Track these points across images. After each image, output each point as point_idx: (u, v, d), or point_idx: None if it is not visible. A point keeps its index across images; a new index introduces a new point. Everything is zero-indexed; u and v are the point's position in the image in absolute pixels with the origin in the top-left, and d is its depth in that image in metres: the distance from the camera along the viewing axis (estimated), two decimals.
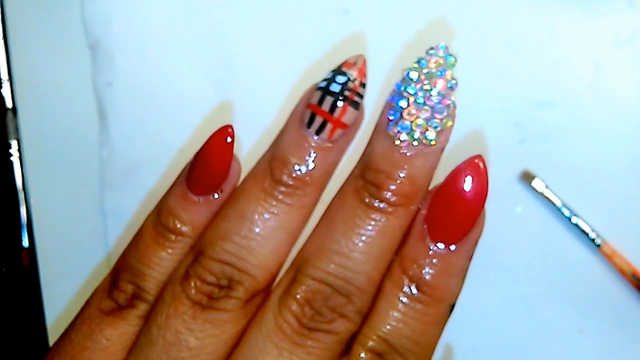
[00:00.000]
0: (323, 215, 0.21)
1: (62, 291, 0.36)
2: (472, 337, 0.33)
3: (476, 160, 0.20)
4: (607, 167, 0.33)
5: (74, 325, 0.22)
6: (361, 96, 0.20)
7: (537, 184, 0.32)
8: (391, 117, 0.20)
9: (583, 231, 0.32)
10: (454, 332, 0.32)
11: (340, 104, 0.20)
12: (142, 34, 0.35)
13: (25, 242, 0.36)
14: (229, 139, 0.21)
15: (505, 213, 0.32)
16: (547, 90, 0.32)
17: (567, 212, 0.32)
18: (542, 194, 0.32)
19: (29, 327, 0.36)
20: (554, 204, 0.32)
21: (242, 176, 0.22)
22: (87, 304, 0.22)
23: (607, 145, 0.33)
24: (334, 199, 0.21)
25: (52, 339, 0.36)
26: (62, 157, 0.36)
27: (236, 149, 0.25)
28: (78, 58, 0.36)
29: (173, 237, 0.21)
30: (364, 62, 0.20)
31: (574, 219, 0.32)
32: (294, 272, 0.21)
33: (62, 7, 0.36)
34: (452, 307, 0.21)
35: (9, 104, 0.36)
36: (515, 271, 0.33)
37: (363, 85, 0.20)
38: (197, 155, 0.21)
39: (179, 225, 0.21)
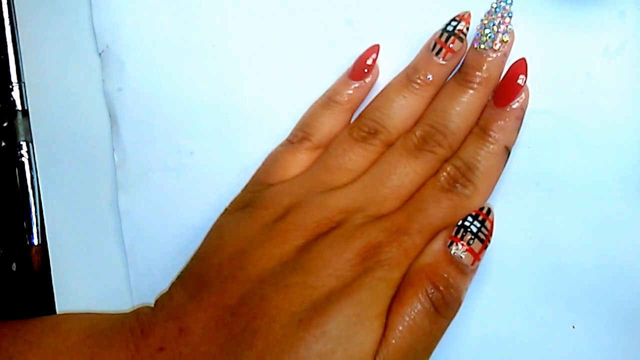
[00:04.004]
0: (437, 94, 0.33)
1: (73, 290, 0.37)
2: (464, 334, 0.34)
3: (521, 60, 0.32)
4: (597, 174, 0.33)
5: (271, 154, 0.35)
6: (464, 34, 0.33)
7: None
8: (477, 37, 0.32)
9: None
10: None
11: (451, 37, 0.32)
12: (151, 40, 0.36)
13: (36, 241, 0.37)
14: (374, 55, 0.34)
15: (498, 212, 0.32)
16: (540, 98, 0.33)
17: None
18: None
19: None
20: None
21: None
22: (276, 150, 0.34)
23: (598, 153, 0.33)
24: (442, 87, 0.33)
25: None
26: (74, 159, 0.37)
27: (244, 152, 0.35)
28: (89, 62, 0.37)
29: (335, 105, 0.34)
30: (469, 15, 0.33)
31: None
32: (414, 124, 0.33)
33: (72, 12, 0.37)
34: (508, 150, 0.32)
35: (19, 106, 0.37)
36: (508, 268, 0.33)
37: (467, 28, 0.33)
38: (359, 59, 0.34)
39: (338, 99, 0.34)
